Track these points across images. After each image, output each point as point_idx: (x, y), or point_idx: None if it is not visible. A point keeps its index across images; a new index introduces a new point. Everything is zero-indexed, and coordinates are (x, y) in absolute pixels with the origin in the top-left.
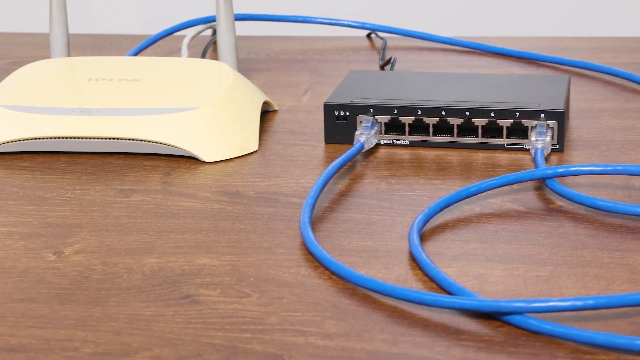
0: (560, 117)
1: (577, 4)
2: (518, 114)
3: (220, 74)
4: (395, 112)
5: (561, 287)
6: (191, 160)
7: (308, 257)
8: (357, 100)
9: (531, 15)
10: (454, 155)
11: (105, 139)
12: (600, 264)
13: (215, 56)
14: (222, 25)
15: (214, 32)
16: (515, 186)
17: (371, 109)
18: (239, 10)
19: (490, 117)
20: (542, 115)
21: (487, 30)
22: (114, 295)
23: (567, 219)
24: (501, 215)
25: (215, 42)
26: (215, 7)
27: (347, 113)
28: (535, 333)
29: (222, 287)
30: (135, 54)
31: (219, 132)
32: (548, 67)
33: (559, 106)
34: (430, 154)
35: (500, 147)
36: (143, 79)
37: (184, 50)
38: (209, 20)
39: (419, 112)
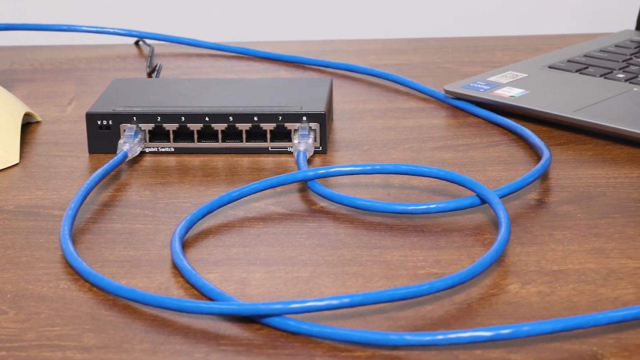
0: (321, 119)
1: (342, 7)
2: (281, 117)
3: None
4: (158, 120)
5: (321, 286)
6: None
7: (68, 270)
8: (119, 109)
9: (298, 19)
10: (219, 160)
11: None
12: (359, 262)
13: None
14: None
15: None
16: (278, 189)
17: (134, 117)
18: (1, 20)
19: (253, 121)
20: (304, 118)
21: (255, 35)
22: None
23: (329, 219)
24: (264, 219)
25: None
26: None
27: (110, 122)
28: (294, 334)
29: None
30: None
31: None
32: (314, 70)
33: (320, 108)
34: (195, 160)
35: (265, 151)
36: None
37: None
38: None
39: (183, 118)
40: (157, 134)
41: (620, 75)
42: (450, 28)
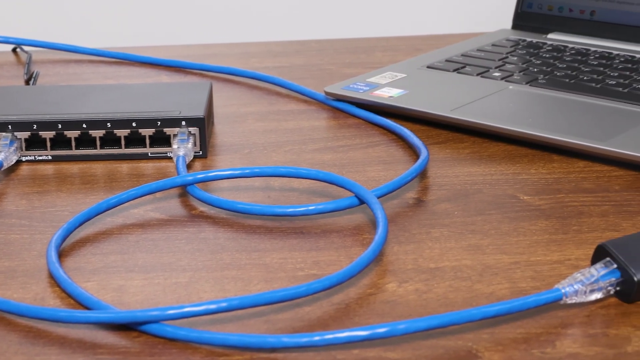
0: (201, 124)
1: (224, 11)
2: (159, 122)
3: None
4: (34, 128)
5: (199, 291)
6: None
7: None
8: None
9: (180, 23)
10: (98, 167)
11: None
12: (238, 266)
13: None
14: None
15: None
16: (158, 195)
17: (9, 126)
18: None
19: (132, 127)
20: (183, 123)
21: (136, 40)
22: None
23: (208, 224)
24: (143, 225)
25: None
26: None
27: None
28: (172, 340)
29: None
30: None
31: None
32: (196, 74)
33: (199, 113)
34: (74, 167)
35: (144, 157)
36: None
37: None
38: None
39: (60, 126)
40: (34, 142)
41: (497, 74)
42: (331, 29)
